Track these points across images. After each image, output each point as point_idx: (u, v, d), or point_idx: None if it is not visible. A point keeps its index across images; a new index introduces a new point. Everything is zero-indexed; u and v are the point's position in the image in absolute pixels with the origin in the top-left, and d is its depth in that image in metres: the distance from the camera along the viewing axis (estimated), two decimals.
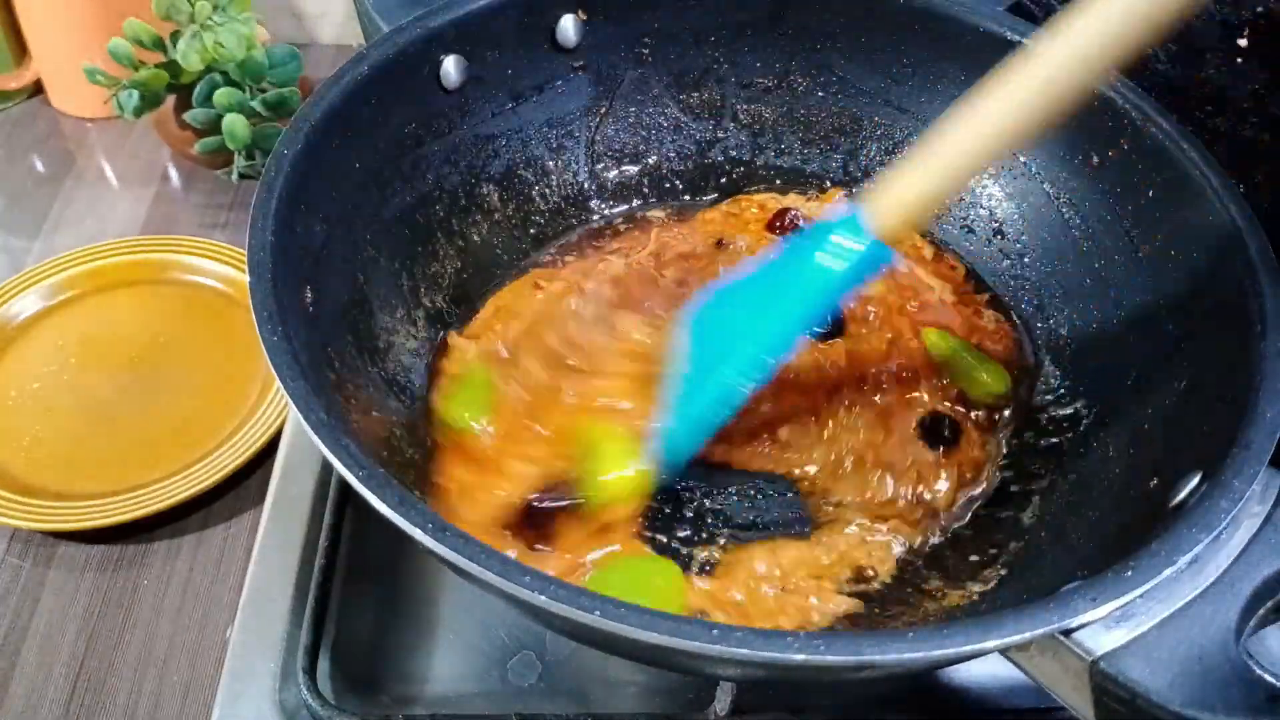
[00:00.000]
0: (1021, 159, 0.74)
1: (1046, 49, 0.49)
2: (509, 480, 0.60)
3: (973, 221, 0.77)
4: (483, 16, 0.69)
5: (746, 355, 0.59)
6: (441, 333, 0.70)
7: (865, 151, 0.80)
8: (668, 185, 0.82)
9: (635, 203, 0.81)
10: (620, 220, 0.80)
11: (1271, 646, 0.63)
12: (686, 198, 0.82)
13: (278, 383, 0.47)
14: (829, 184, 0.81)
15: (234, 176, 0.94)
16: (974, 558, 0.61)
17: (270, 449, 0.75)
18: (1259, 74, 0.64)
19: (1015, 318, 0.73)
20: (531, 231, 0.77)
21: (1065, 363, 0.69)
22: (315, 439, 0.46)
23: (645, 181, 0.81)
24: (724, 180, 0.82)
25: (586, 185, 0.80)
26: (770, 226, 0.76)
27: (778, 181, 0.82)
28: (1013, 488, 0.64)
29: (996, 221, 0.76)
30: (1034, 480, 0.64)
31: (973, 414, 0.67)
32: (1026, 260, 0.74)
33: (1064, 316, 0.71)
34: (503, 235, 0.76)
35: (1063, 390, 0.68)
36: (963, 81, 0.75)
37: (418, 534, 0.43)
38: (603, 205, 0.80)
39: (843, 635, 0.40)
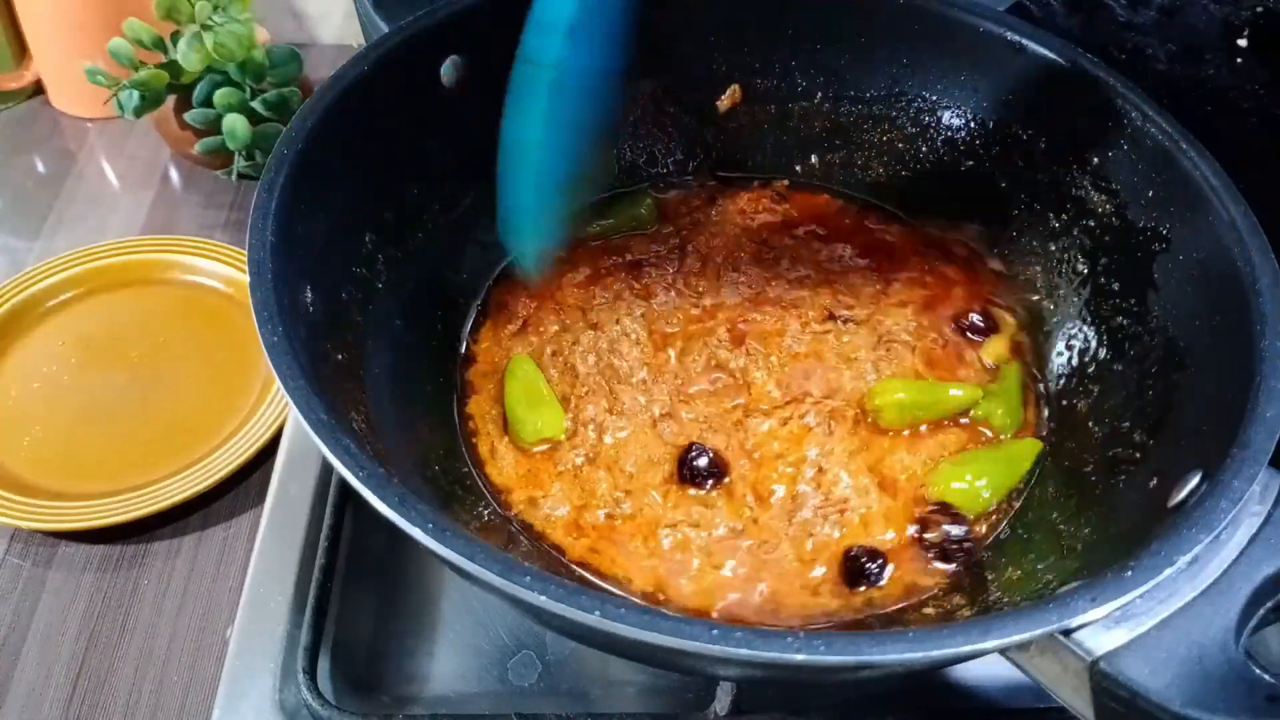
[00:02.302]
0: (1022, 160, 0.74)
1: None
2: None
3: (979, 228, 0.77)
4: (482, 16, 0.69)
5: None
6: (440, 328, 0.70)
7: (864, 150, 0.80)
8: (666, 184, 0.82)
9: None
10: None
11: (1271, 646, 0.63)
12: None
13: (278, 383, 0.47)
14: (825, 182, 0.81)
15: (234, 176, 0.94)
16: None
17: (270, 449, 0.75)
18: (1259, 74, 0.64)
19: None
20: None
21: (1066, 366, 0.69)
22: (315, 439, 0.46)
23: (645, 180, 0.81)
24: (724, 179, 0.82)
25: None
26: None
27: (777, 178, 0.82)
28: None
29: (1001, 224, 0.76)
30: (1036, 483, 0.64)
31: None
32: (1029, 263, 0.74)
33: (1064, 319, 0.71)
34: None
35: (1064, 399, 0.68)
36: (962, 82, 0.75)
37: (418, 534, 0.43)
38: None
39: (843, 635, 0.40)
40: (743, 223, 0.78)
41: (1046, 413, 0.68)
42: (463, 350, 0.71)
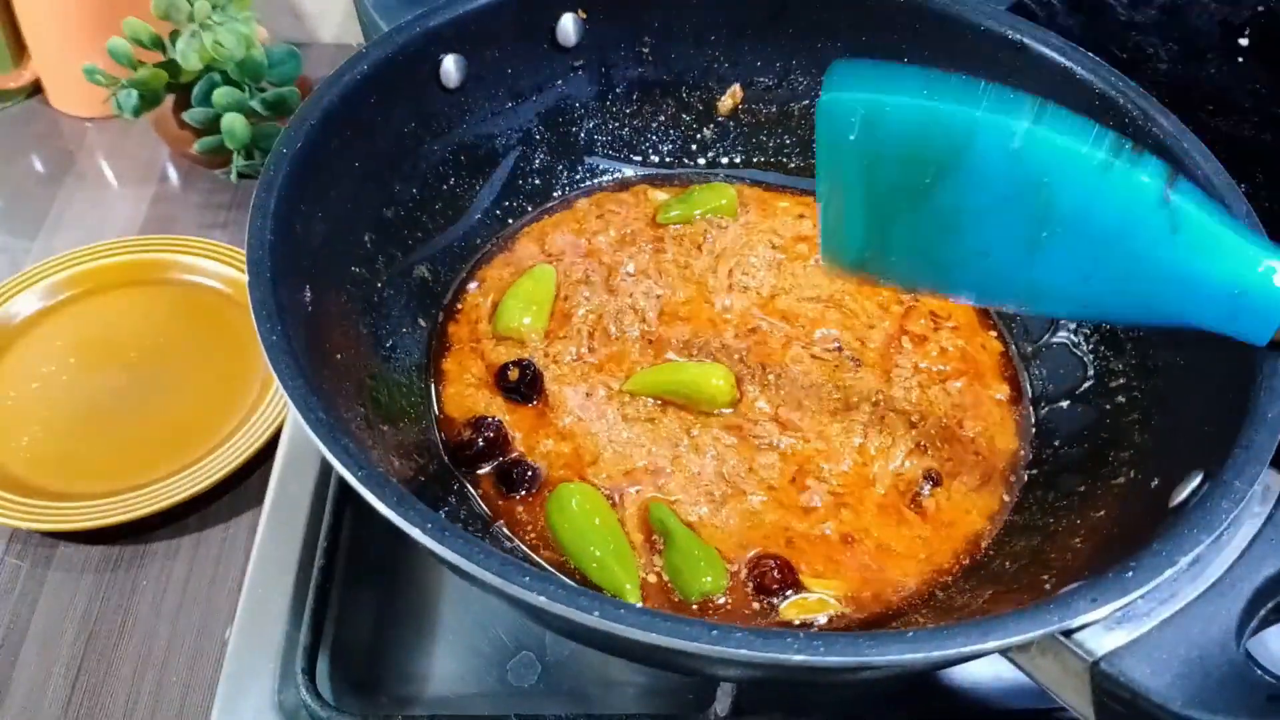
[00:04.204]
0: None
1: None
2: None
3: None
4: (482, 15, 0.69)
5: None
6: (439, 326, 0.70)
7: None
8: (667, 185, 0.82)
9: None
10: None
11: (1272, 647, 0.63)
12: None
13: (276, 382, 0.47)
14: None
15: (233, 176, 0.94)
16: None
17: (270, 449, 0.75)
18: (1259, 74, 0.64)
19: (1016, 330, 0.73)
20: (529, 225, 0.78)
21: (1069, 367, 0.69)
22: (314, 438, 0.45)
23: (644, 180, 0.81)
24: (723, 179, 0.82)
25: (586, 184, 0.80)
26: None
27: (780, 180, 0.82)
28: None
29: None
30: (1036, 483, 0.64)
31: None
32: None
33: (1066, 320, 0.70)
34: (502, 233, 0.76)
35: (1066, 400, 0.68)
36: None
37: (416, 533, 0.43)
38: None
39: (842, 636, 0.40)
40: (768, 226, 0.78)
41: (1044, 412, 0.68)
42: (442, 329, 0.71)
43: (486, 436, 0.63)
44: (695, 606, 0.57)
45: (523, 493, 0.62)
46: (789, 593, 0.58)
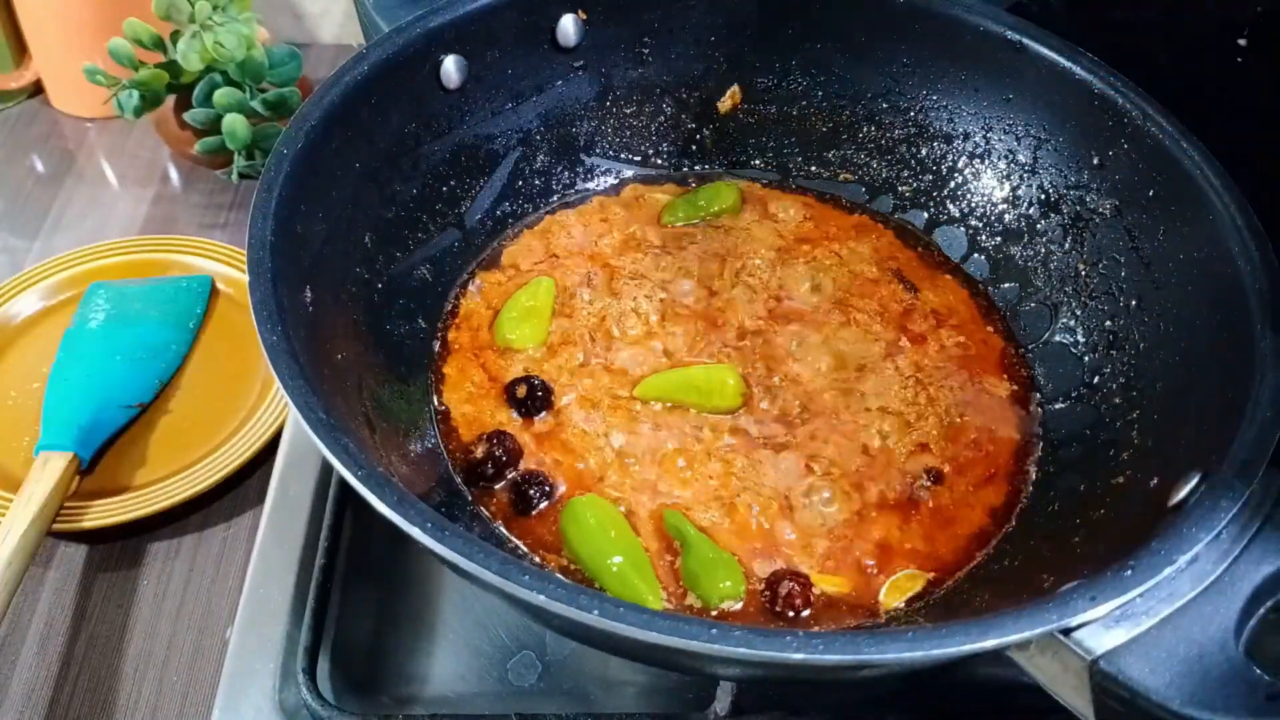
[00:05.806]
0: (1023, 158, 0.74)
1: None
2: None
3: (979, 228, 0.77)
4: (483, 16, 0.69)
5: None
6: (443, 329, 0.70)
7: (863, 149, 0.80)
8: (669, 186, 0.82)
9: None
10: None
11: (1271, 646, 0.63)
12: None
13: (277, 383, 0.47)
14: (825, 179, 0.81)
15: (234, 176, 0.94)
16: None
17: (270, 449, 0.75)
18: (1259, 74, 0.64)
19: (1014, 330, 0.73)
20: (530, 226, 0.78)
21: (1068, 367, 0.69)
22: (314, 438, 0.46)
23: (645, 181, 0.81)
24: (724, 180, 0.82)
25: (586, 185, 0.80)
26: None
27: (779, 180, 0.82)
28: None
29: (1001, 224, 0.76)
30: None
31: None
32: (1030, 264, 0.74)
33: (1065, 319, 0.71)
34: (503, 234, 0.76)
35: (1065, 399, 0.68)
36: (963, 81, 0.75)
37: (416, 533, 0.43)
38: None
39: (841, 635, 0.40)
40: (770, 226, 0.78)
41: (1044, 412, 0.68)
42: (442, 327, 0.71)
43: (496, 456, 0.62)
44: (714, 613, 0.57)
45: (535, 511, 0.61)
46: (807, 610, 0.58)
